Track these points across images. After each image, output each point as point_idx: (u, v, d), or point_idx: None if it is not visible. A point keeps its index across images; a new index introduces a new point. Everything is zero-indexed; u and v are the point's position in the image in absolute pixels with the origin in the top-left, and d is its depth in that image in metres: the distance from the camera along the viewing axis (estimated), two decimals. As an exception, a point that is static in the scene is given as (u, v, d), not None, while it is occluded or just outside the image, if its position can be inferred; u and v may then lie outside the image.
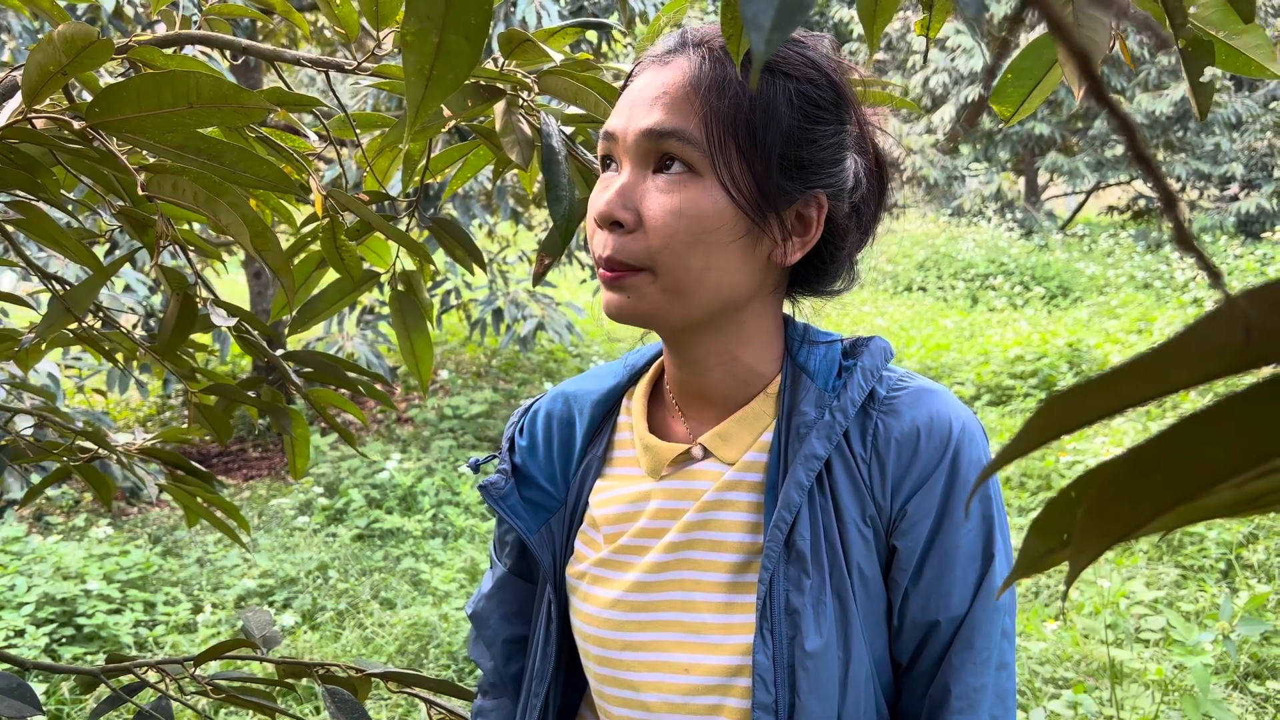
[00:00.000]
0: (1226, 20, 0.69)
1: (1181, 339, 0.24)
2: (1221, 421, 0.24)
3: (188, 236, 1.19)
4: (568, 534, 0.89)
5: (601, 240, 0.75)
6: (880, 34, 0.70)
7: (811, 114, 0.74)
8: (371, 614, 3.46)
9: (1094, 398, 0.26)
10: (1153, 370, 0.26)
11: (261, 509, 4.48)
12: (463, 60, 0.56)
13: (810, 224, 0.76)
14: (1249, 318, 0.23)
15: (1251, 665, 2.89)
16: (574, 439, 0.91)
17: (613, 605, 0.83)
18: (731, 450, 0.81)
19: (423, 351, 1.32)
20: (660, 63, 0.77)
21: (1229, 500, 0.27)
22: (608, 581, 0.84)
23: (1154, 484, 0.25)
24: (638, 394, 0.89)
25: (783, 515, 0.76)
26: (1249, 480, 0.25)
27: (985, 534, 0.77)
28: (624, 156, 0.76)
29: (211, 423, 1.38)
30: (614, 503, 0.86)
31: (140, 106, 0.70)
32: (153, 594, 3.55)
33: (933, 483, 0.76)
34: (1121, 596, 3.20)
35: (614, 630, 0.82)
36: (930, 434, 0.76)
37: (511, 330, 4.89)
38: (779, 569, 0.75)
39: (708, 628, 0.79)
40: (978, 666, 0.76)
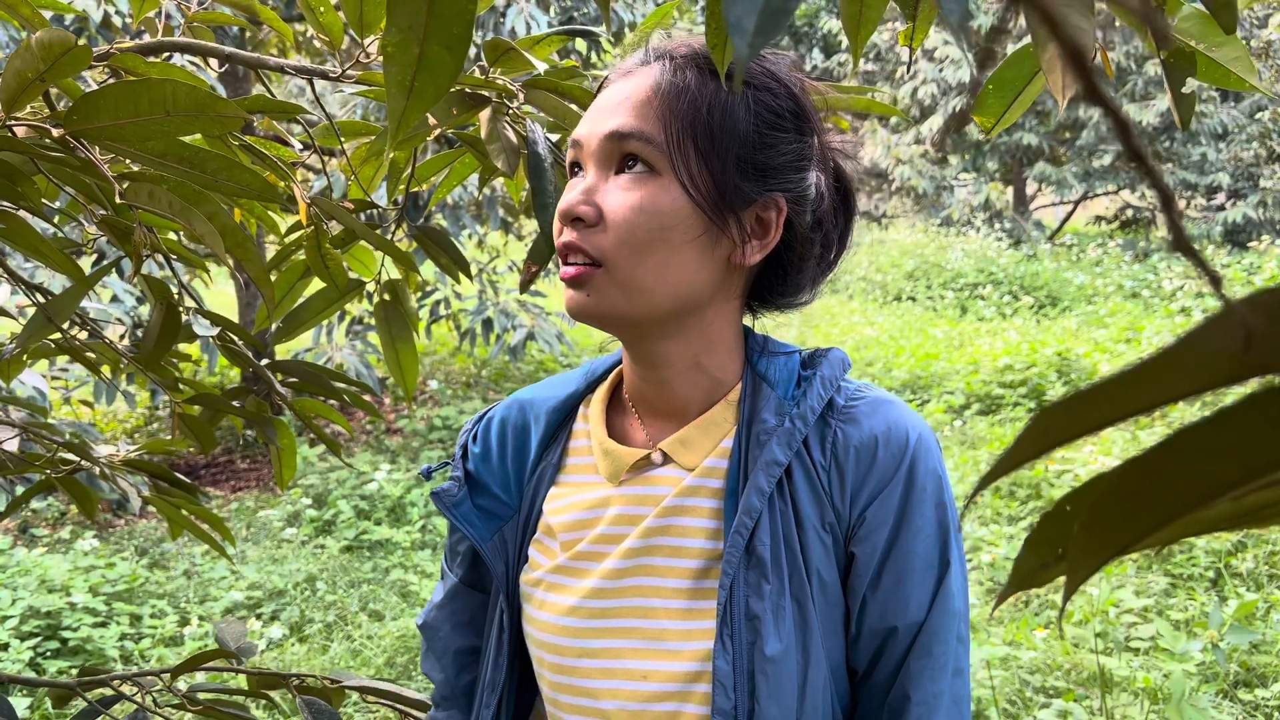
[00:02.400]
0: (1206, 32, 0.69)
1: (1180, 347, 0.24)
2: (1220, 433, 0.24)
3: (171, 246, 1.18)
4: (521, 542, 0.88)
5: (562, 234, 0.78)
6: (864, 45, 0.70)
7: (770, 120, 0.77)
8: (360, 626, 3.43)
9: (1089, 409, 0.25)
10: (1150, 379, 0.25)
11: (249, 520, 4.45)
12: (444, 71, 0.55)
13: (770, 226, 0.78)
14: (1249, 325, 0.22)
15: (1241, 673, 2.89)
16: (529, 446, 0.90)
17: (570, 612, 0.82)
18: (692, 456, 0.82)
19: (408, 361, 1.30)
20: (626, 75, 0.80)
21: (1227, 513, 0.26)
22: (564, 589, 0.83)
23: (1151, 497, 0.25)
24: (596, 400, 0.89)
25: (744, 521, 0.76)
26: (1248, 493, 0.25)
27: (941, 542, 0.78)
28: (589, 161, 0.78)
29: (195, 433, 1.36)
30: (571, 509, 0.85)
31: (118, 114, 0.69)
32: (139, 606, 3.51)
33: (890, 490, 0.77)
34: (1111, 605, 3.20)
35: (571, 638, 0.81)
36: (888, 443, 0.78)
37: (501, 340, 4.88)
38: (739, 574, 0.76)
39: (667, 634, 0.79)
40: (935, 673, 0.77)
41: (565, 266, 0.76)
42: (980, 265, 10.18)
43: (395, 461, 5.04)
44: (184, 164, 0.80)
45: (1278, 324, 0.22)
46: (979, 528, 4.04)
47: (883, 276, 10.34)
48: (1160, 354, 0.24)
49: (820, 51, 15.35)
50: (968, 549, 3.89)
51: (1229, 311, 0.22)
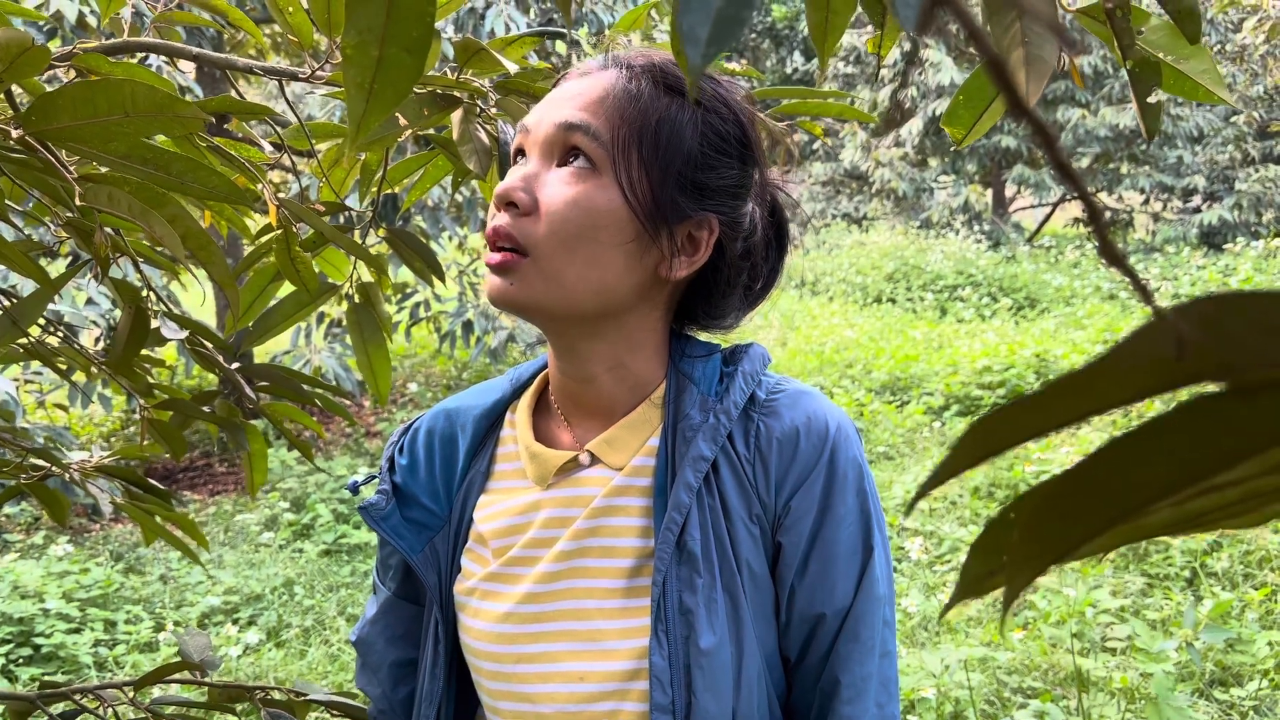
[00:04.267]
0: (1174, 44, 0.70)
1: (1112, 355, 0.24)
2: (1154, 440, 0.24)
3: (140, 248, 1.17)
4: (453, 552, 0.88)
5: (495, 217, 0.78)
6: (831, 53, 0.70)
7: (714, 143, 0.78)
8: (338, 630, 3.41)
9: (1025, 417, 0.25)
10: (1084, 387, 0.25)
11: (227, 524, 4.42)
12: (404, 74, 0.55)
13: (700, 245, 0.79)
14: (1180, 333, 0.22)
15: (1217, 672, 2.92)
16: (456, 455, 0.90)
17: (504, 619, 0.82)
18: (619, 456, 0.82)
19: (380, 365, 1.30)
20: (583, 75, 0.81)
21: (1168, 519, 0.26)
22: (498, 595, 0.83)
23: (1089, 504, 0.25)
24: (522, 405, 0.89)
25: (673, 517, 0.77)
26: (1188, 499, 0.25)
27: (864, 528, 0.80)
28: (533, 148, 0.79)
29: (166, 438, 1.35)
30: (501, 515, 0.85)
31: (76, 115, 0.69)
32: (113, 612, 3.48)
33: (813, 480, 0.79)
34: (1088, 605, 3.22)
35: (506, 644, 0.81)
36: (809, 433, 0.79)
37: (482, 342, 4.86)
38: (671, 570, 0.77)
39: (602, 634, 0.79)
40: (863, 656, 0.79)
41: (492, 253, 0.77)
42: (959, 267, 10.24)
43: (374, 464, 5.02)
44: (148, 165, 0.79)
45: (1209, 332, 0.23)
46: (958, 528, 4.05)
47: (863, 278, 10.38)
48: (1094, 363, 0.24)
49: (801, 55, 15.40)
50: (946, 550, 3.91)
51: (1160, 320, 0.22)
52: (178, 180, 0.81)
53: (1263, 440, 0.25)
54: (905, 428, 5.49)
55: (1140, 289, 0.23)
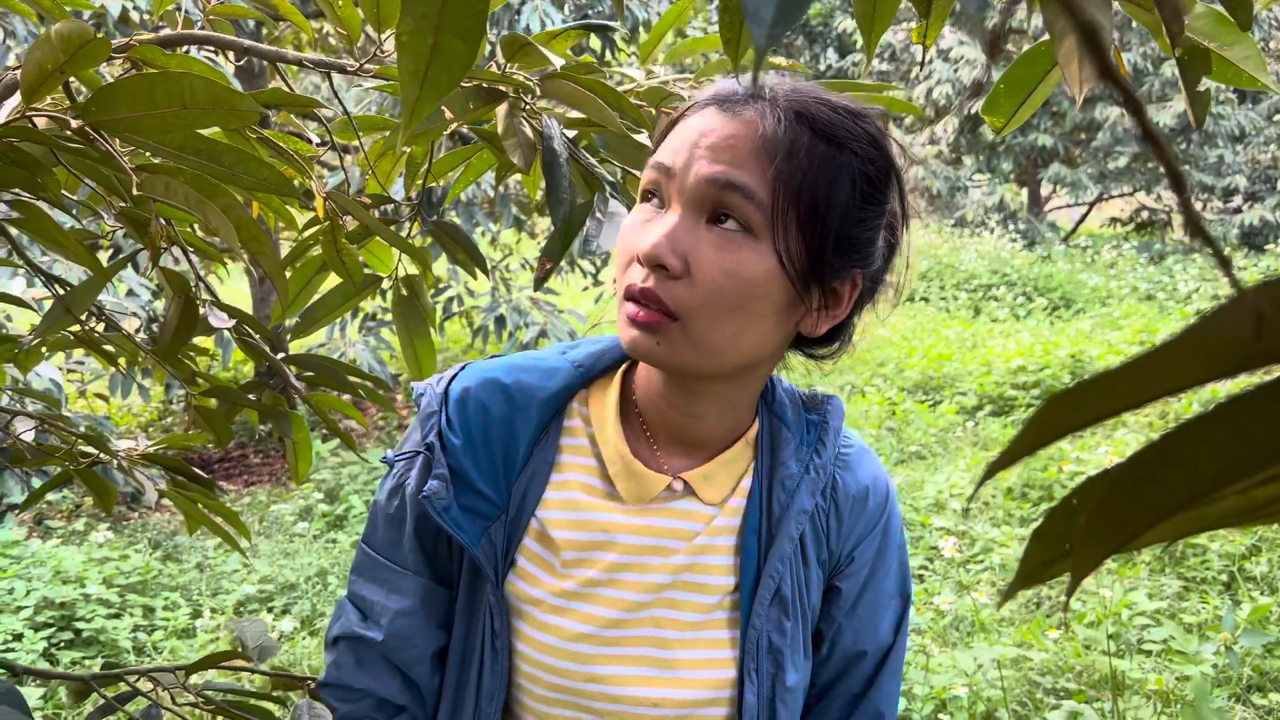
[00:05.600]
0: (1218, 30, 0.69)
1: (1189, 334, 0.24)
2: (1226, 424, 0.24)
3: (189, 239, 1.19)
4: (507, 545, 0.83)
5: (641, 274, 0.73)
6: (878, 41, 0.70)
7: (867, 194, 0.75)
8: (371, 621, 3.45)
9: (1098, 396, 0.25)
10: (1159, 367, 0.25)
11: (262, 515, 4.48)
12: (458, 61, 0.56)
13: (842, 300, 0.79)
14: (1260, 311, 0.22)
15: (1254, 678, 2.88)
16: (517, 441, 0.83)
17: (580, 639, 0.81)
18: (714, 492, 0.84)
19: (425, 355, 1.31)
20: (726, 109, 0.74)
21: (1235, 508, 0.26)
22: (572, 613, 0.81)
23: (1157, 489, 0.25)
24: (608, 411, 0.85)
25: (776, 567, 0.82)
26: (1255, 486, 0.24)
27: (903, 579, 0.91)
28: (675, 197, 0.73)
29: (211, 426, 1.38)
30: (579, 527, 0.82)
31: (135, 106, 0.70)
32: (152, 599, 3.54)
33: (874, 535, 0.87)
34: (1124, 607, 3.18)
35: (578, 663, 0.80)
36: (875, 492, 0.88)
37: (514, 337, 4.89)
38: (765, 613, 0.82)
39: (679, 663, 0.81)
40: (897, 684, 0.90)
41: (636, 308, 0.73)
42: (994, 266, 10.14)
43: (407, 457, 5.05)
44: (201, 156, 0.81)
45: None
46: (990, 529, 4.02)
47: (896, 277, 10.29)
48: (1170, 341, 0.24)
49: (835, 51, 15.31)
50: (979, 550, 3.87)
51: (1240, 298, 0.22)
52: (229, 171, 0.83)
53: None
54: (938, 427, 5.45)
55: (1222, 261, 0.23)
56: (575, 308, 5.45)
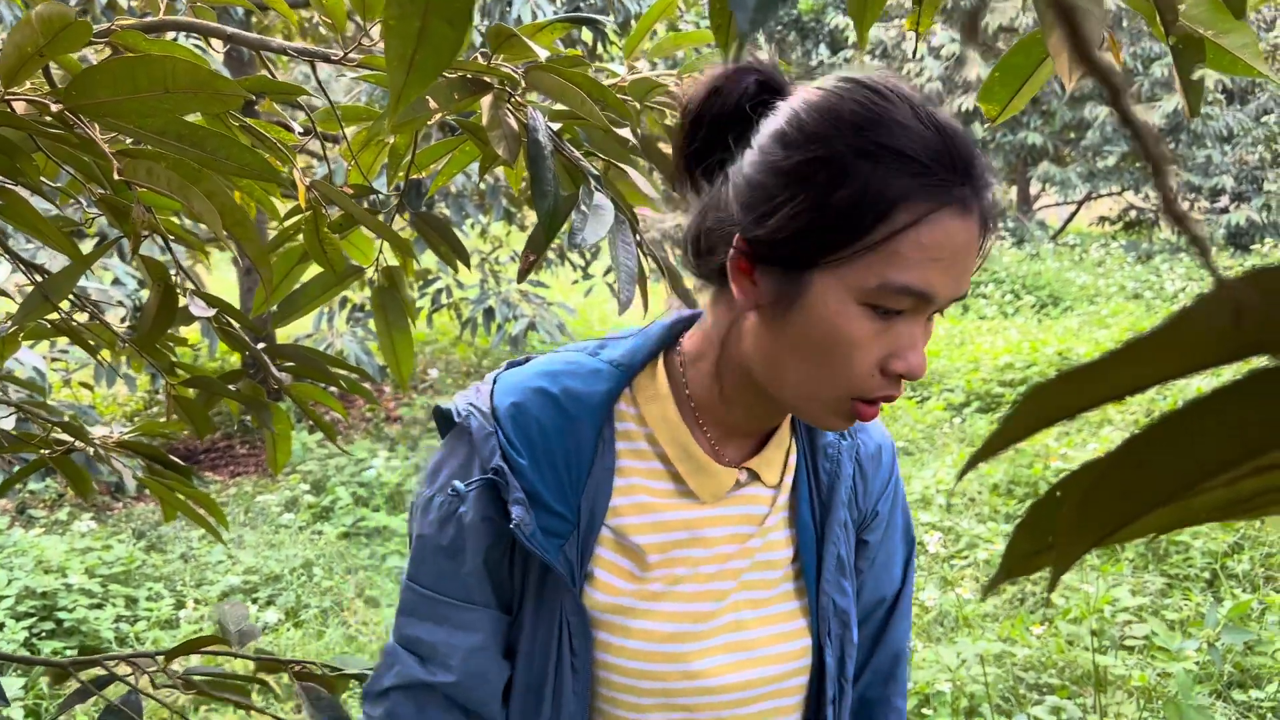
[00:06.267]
0: (1214, 18, 0.69)
1: (1172, 324, 0.23)
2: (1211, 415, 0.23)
3: (170, 227, 1.18)
4: (581, 557, 0.80)
5: (883, 383, 0.72)
6: (869, 30, 0.69)
7: None
8: (356, 612, 3.44)
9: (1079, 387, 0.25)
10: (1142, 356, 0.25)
11: (248, 505, 4.46)
12: (446, 46, 0.55)
13: None
14: (1240, 302, 0.22)
15: (1235, 674, 2.90)
16: (577, 452, 0.80)
17: (672, 638, 0.80)
18: (772, 473, 0.86)
19: (403, 349, 1.30)
20: (962, 210, 0.69)
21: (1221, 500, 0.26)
22: (661, 614, 0.81)
23: (1142, 481, 0.24)
24: (663, 407, 0.83)
25: (836, 533, 0.86)
26: (1241, 479, 0.24)
27: (907, 523, 0.97)
28: (922, 310, 0.71)
29: (190, 416, 1.36)
30: (659, 529, 0.81)
31: (116, 90, 0.69)
32: (135, 589, 3.52)
33: (889, 489, 0.93)
34: (1106, 603, 3.20)
35: (673, 663, 0.80)
36: (885, 448, 0.93)
37: (503, 330, 4.88)
38: (832, 578, 0.86)
39: (758, 642, 0.84)
40: (909, 624, 0.97)
41: (872, 409, 0.73)
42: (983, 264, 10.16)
43: (394, 449, 5.04)
44: (183, 142, 0.80)
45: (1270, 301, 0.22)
46: (976, 525, 4.04)
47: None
48: (1153, 331, 0.23)
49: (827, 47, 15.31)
50: (964, 546, 3.89)
51: (1220, 289, 0.22)
52: (212, 157, 0.82)
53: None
54: (925, 423, 5.47)
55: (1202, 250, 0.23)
56: (565, 300, 5.44)
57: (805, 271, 0.70)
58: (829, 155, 0.68)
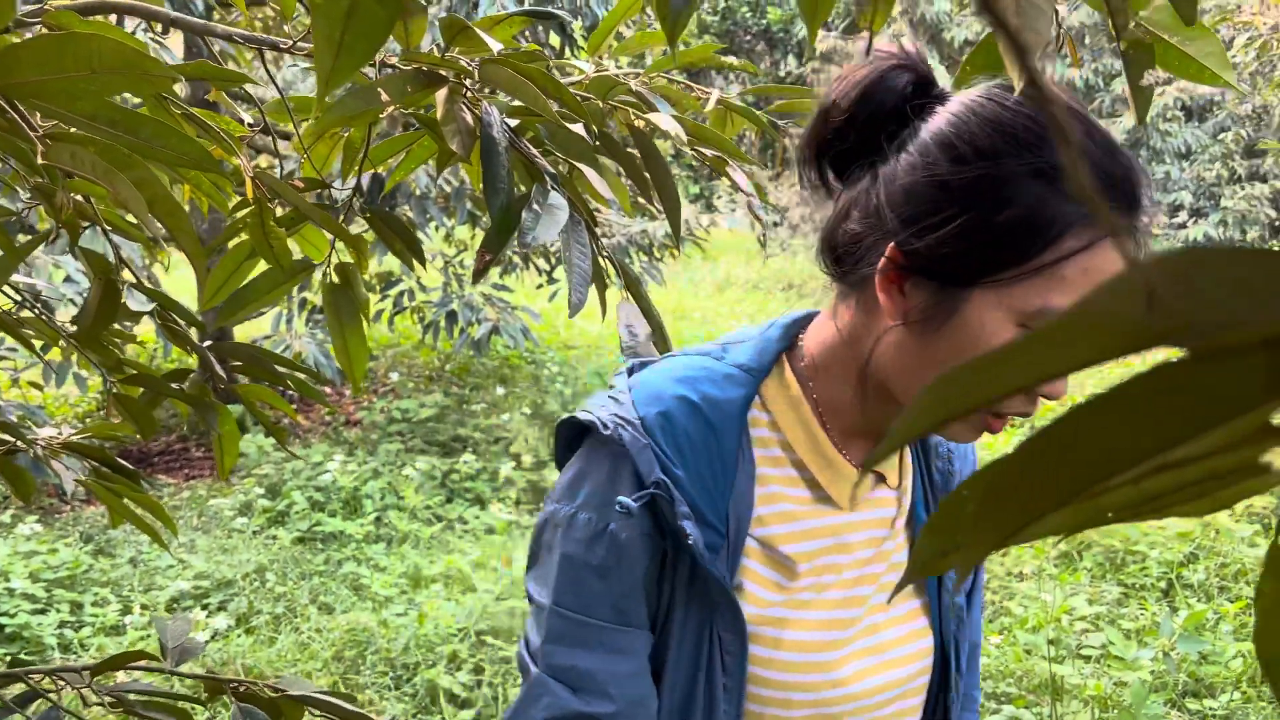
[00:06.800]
0: (1178, 24, 0.68)
1: (1080, 309, 0.23)
2: (1113, 410, 0.23)
3: (111, 218, 1.15)
4: (731, 570, 0.78)
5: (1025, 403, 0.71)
6: (819, 26, 0.69)
7: None
8: (309, 618, 3.38)
9: (988, 374, 0.24)
10: (1051, 343, 0.24)
11: (201, 509, 4.38)
12: (375, 26, 0.53)
13: None
14: (1151, 285, 0.21)
15: (1190, 684, 2.93)
16: (724, 459, 0.77)
17: (822, 647, 0.80)
18: (894, 475, 0.86)
19: (356, 348, 1.28)
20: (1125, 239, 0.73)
21: (1129, 499, 0.25)
22: (810, 623, 0.80)
23: (1045, 479, 0.23)
24: (796, 412, 0.81)
25: None
26: (1147, 476, 0.23)
27: None
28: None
29: (133, 415, 1.33)
30: (807, 537, 0.80)
31: (42, 70, 0.67)
32: (80, 594, 3.44)
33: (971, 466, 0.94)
34: (1064, 612, 3.23)
35: (823, 672, 0.80)
36: (971, 445, 0.93)
37: (465, 333, 4.84)
38: (950, 578, 0.86)
39: (889, 644, 0.84)
40: (981, 614, 0.96)
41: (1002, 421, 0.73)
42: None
43: (352, 454, 4.98)
44: (116, 127, 0.77)
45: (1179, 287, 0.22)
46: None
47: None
48: (1062, 317, 0.23)
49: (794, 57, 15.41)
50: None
51: (1131, 273, 0.21)
52: (147, 144, 0.79)
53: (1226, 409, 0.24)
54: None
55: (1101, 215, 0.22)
56: (529, 305, 5.41)
57: (964, 289, 0.68)
58: (1000, 174, 0.66)
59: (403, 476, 4.61)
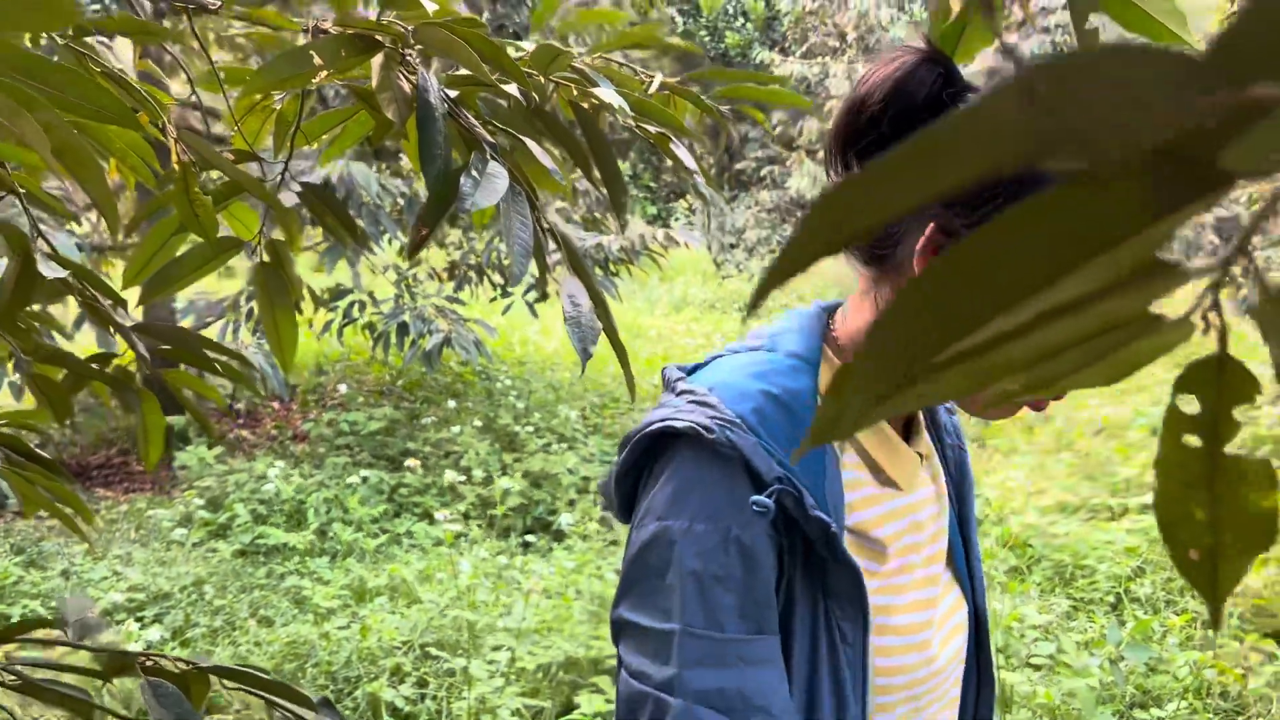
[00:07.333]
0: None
1: (963, 114, 0.22)
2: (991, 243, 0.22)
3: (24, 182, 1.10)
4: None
5: None
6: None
7: None
8: (247, 631, 3.29)
9: (875, 190, 0.23)
10: (936, 152, 0.23)
11: (139, 522, 4.26)
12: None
13: None
14: (1033, 84, 0.21)
15: (1137, 695, 2.95)
16: (813, 452, 0.76)
17: (917, 628, 0.82)
18: (928, 452, 0.89)
19: (286, 330, 1.25)
20: None
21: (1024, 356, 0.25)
22: (907, 607, 0.82)
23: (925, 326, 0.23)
24: None
25: (970, 501, 0.91)
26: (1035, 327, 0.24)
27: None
28: None
29: (50, 398, 1.28)
30: (892, 518, 0.81)
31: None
32: (9, 606, 3.32)
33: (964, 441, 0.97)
34: (1015, 620, 3.25)
35: (919, 653, 0.81)
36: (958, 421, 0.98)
37: (416, 346, 4.78)
38: (976, 545, 0.91)
39: (948, 615, 0.86)
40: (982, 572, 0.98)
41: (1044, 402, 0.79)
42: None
43: (299, 466, 4.88)
44: (25, 74, 0.74)
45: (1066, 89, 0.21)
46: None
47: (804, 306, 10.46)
48: (945, 122, 0.22)
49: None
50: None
51: (1015, 77, 0.19)
52: (59, 93, 0.77)
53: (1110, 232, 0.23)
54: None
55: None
56: (484, 318, 5.36)
57: None
58: None
59: (348, 488, 4.52)
